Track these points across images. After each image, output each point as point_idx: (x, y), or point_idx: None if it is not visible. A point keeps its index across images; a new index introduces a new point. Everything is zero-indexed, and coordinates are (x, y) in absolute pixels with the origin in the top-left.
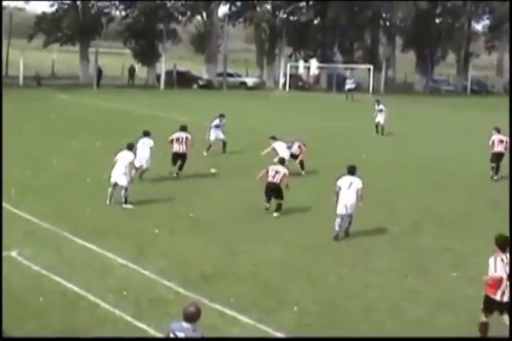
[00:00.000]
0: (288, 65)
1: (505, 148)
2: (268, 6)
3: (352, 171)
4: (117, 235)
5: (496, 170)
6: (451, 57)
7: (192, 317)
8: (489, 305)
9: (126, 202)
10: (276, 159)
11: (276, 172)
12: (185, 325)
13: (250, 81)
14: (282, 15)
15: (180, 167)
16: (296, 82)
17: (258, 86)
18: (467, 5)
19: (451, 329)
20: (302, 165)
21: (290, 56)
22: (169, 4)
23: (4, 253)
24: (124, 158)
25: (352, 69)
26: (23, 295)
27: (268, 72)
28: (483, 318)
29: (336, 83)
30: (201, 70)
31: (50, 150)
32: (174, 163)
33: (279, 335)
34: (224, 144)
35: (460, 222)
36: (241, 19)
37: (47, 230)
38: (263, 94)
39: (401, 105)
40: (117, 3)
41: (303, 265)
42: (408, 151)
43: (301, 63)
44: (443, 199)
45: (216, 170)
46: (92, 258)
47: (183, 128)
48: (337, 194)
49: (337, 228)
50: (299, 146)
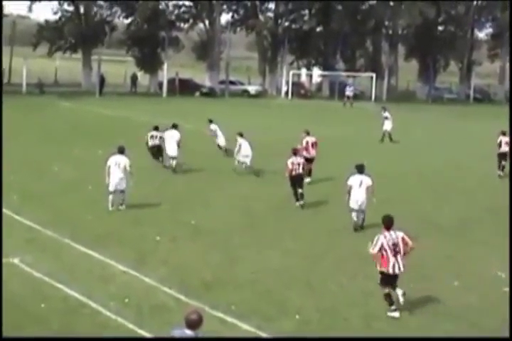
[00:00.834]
0: (290, 73)
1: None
2: (270, 14)
3: (361, 170)
4: (118, 242)
5: (502, 168)
6: (453, 65)
7: (194, 324)
8: (384, 278)
9: (122, 204)
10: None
11: (298, 164)
12: (187, 332)
13: (252, 89)
14: (284, 23)
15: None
16: (298, 90)
17: (260, 94)
18: (470, 13)
19: (451, 337)
20: (310, 172)
21: (292, 64)
22: (171, 12)
23: (5, 259)
24: (119, 163)
25: (354, 77)
26: (24, 301)
27: (270, 80)
28: (384, 290)
29: (338, 91)
30: (203, 78)
31: (52, 157)
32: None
33: None
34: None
35: (460, 230)
36: (243, 27)
37: (48, 237)
38: (265, 102)
39: (403, 113)
40: (120, 11)
41: (303, 272)
42: (409, 159)
43: (303, 71)
44: (443, 207)
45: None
46: (93, 265)
47: (156, 128)
48: (348, 192)
49: (355, 218)
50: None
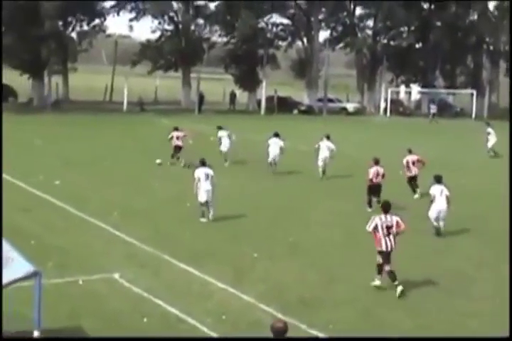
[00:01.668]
0: (389, 90)
1: None
2: (369, 31)
3: (439, 180)
4: (216, 259)
5: None
6: None
7: (280, 332)
8: (381, 255)
9: (211, 215)
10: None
11: (378, 173)
12: None
13: (351, 106)
14: (383, 40)
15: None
16: (396, 108)
17: (358, 111)
18: None
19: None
20: (415, 189)
21: (391, 81)
22: (269, 30)
23: (106, 275)
24: (207, 175)
25: (454, 94)
26: (124, 316)
27: (368, 97)
28: (386, 268)
29: (438, 108)
30: (302, 96)
31: (152, 173)
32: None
33: None
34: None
35: None
36: (341, 44)
37: (148, 253)
38: (363, 120)
39: (505, 131)
40: (218, 29)
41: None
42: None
43: (402, 88)
44: None
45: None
46: (192, 281)
47: (176, 128)
48: (432, 201)
49: (435, 223)
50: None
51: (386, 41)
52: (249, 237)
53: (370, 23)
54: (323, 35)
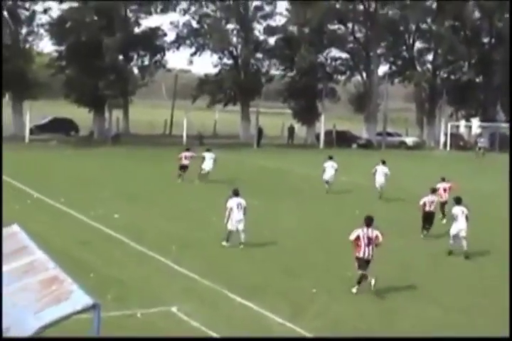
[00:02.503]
0: (449, 125)
1: None
2: (428, 65)
3: (459, 202)
4: (274, 293)
5: None
6: None
7: None
8: (358, 262)
9: (242, 244)
10: None
11: (431, 202)
12: None
13: (410, 140)
14: (443, 74)
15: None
16: (457, 142)
17: (418, 145)
18: None
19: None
20: (443, 214)
21: (451, 115)
22: (329, 64)
23: (164, 308)
24: (239, 205)
25: None
26: None
27: (428, 132)
28: (358, 272)
29: (499, 142)
30: (360, 130)
31: (210, 207)
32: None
33: None
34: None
35: None
36: (401, 78)
37: (206, 286)
38: (423, 154)
39: None
40: (277, 63)
41: (463, 328)
42: None
43: (462, 122)
44: None
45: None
46: (250, 316)
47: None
48: (454, 220)
49: (451, 247)
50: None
51: (446, 75)
52: (307, 271)
53: (430, 57)
54: (382, 68)
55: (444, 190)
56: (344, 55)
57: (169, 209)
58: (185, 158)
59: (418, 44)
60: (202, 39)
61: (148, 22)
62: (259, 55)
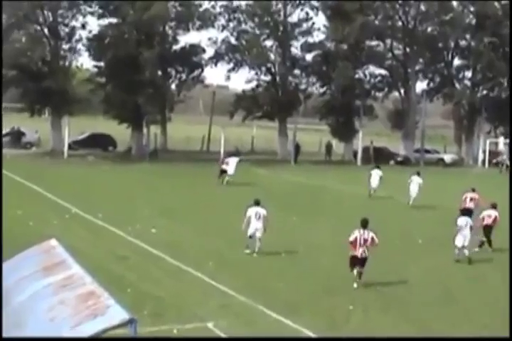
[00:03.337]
0: (487, 142)
1: None
2: (467, 82)
3: (465, 213)
4: (311, 310)
5: None
6: None
7: None
8: (352, 260)
9: (256, 252)
10: None
11: (488, 216)
12: None
13: (448, 157)
14: (482, 91)
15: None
16: (495, 159)
17: (456, 162)
18: None
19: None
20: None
21: (489, 132)
22: (367, 81)
23: (201, 324)
24: (259, 214)
25: None
26: None
27: (466, 149)
28: (351, 269)
29: None
30: (398, 146)
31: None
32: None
33: None
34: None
35: None
36: (439, 95)
37: (242, 303)
38: (461, 171)
39: None
40: (315, 80)
41: None
42: None
43: (501, 139)
44: None
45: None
46: (286, 332)
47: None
48: (458, 231)
49: (456, 256)
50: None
51: (485, 92)
52: (344, 289)
53: (468, 74)
54: (420, 85)
55: (471, 199)
56: (382, 72)
57: (206, 225)
58: (222, 163)
59: (457, 61)
60: (240, 55)
61: (186, 38)
62: (296, 72)
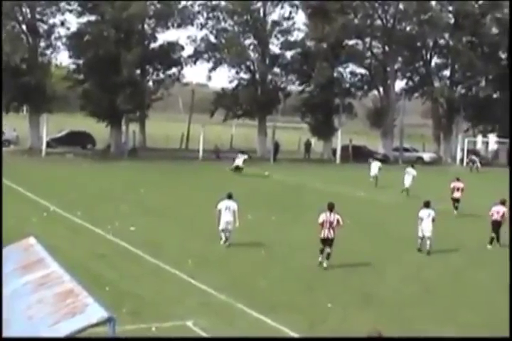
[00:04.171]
0: (465, 140)
1: None
2: (446, 81)
3: (428, 205)
4: (290, 309)
5: None
6: None
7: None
8: (322, 241)
9: (227, 241)
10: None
11: (497, 211)
12: None
13: (427, 156)
14: (460, 90)
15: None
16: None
17: (435, 161)
18: None
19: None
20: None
21: (467, 130)
22: (346, 79)
23: (180, 322)
24: (229, 207)
25: None
26: None
27: (445, 147)
28: (320, 247)
29: None
30: (377, 145)
31: None
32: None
33: None
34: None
35: None
36: (418, 94)
37: (222, 301)
38: (439, 169)
39: None
40: (294, 78)
41: None
42: None
43: (479, 138)
44: None
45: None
46: (266, 331)
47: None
48: (419, 223)
49: (419, 245)
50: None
51: (463, 91)
52: (323, 287)
53: (447, 73)
54: (399, 84)
55: (457, 189)
56: (362, 71)
57: (186, 223)
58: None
59: (435, 59)
60: (219, 53)
61: (165, 36)
62: (276, 70)
